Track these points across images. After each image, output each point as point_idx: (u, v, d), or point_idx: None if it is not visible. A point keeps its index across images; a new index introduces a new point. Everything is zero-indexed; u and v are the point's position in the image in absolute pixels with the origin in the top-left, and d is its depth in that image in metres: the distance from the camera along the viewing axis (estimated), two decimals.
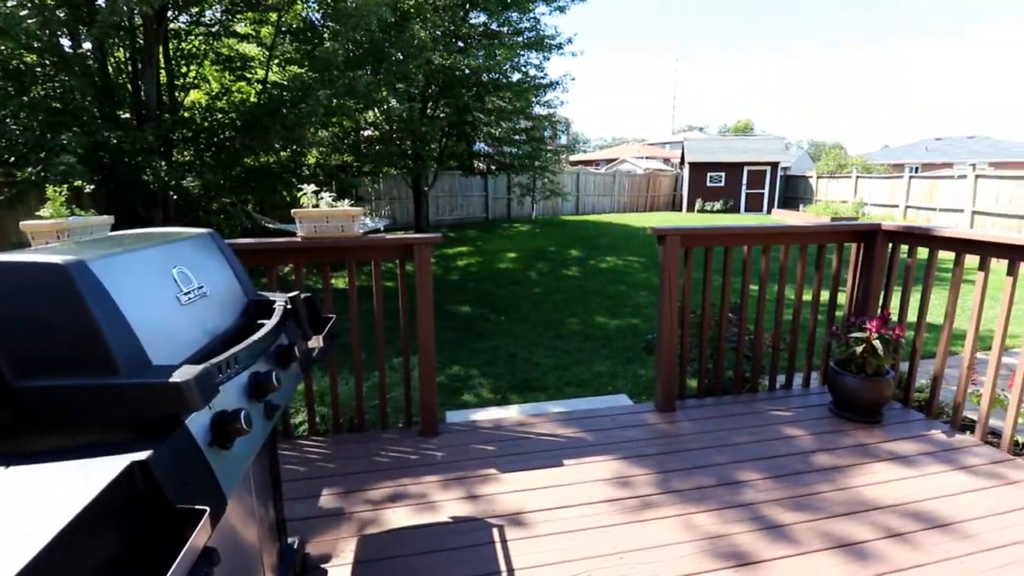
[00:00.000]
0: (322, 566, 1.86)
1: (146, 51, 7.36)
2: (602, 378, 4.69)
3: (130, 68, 8.13)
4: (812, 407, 3.18)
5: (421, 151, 11.25)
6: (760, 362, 3.40)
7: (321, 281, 2.71)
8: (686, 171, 23.77)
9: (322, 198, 2.52)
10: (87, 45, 7.12)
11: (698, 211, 22.90)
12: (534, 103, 13.58)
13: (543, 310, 7.28)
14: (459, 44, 12.37)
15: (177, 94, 8.66)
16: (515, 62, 12.73)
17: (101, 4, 6.35)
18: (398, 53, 9.38)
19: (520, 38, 12.71)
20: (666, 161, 37.28)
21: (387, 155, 10.86)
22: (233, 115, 8.18)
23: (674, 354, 3.12)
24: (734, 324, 3.51)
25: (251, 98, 9.14)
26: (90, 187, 6.48)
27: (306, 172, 10.05)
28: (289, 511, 2.15)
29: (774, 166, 22.91)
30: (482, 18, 12.66)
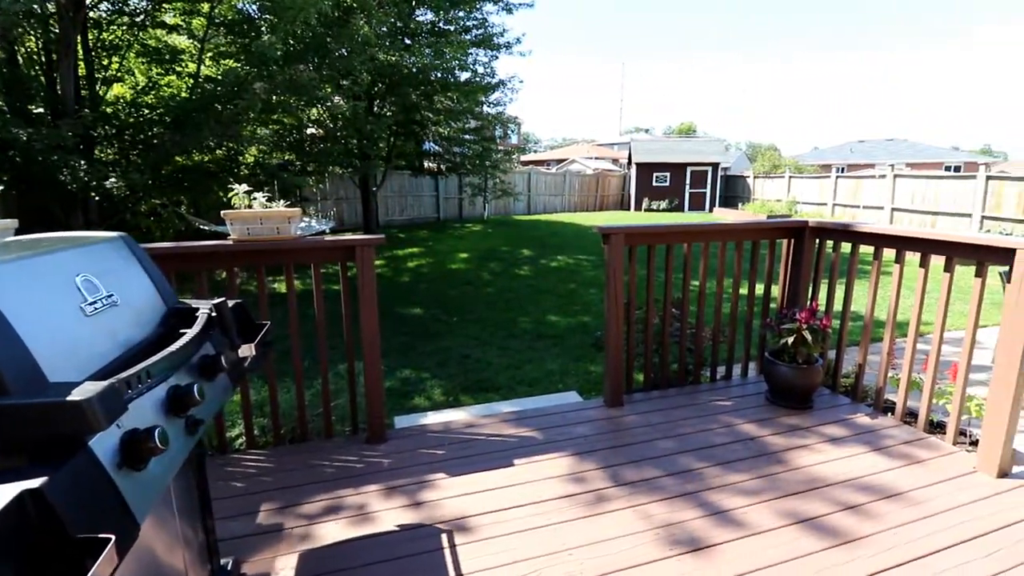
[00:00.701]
0: None
1: (62, 41, 6.79)
2: (553, 376, 4.73)
3: (43, 59, 7.49)
4: (750, 396, 3.33)
5: (368, 150, 10.99)
6: (702, 355, 3.53)
7: (263, 286, 2.58)
8: (633, 171, 24.42)
9: (255, 198, 2.40)
10: None
11: (645, 210, 23.58)
12: (483, 102, 13.56)
13: (495, 310, 7.27)
14: (406, 41, 12.18)
15: (99, 88, 8.05)
16: (463, 61, 12.67)
17: None
18: (341, 48, 9.10)
19: (468, 36, 12.65)
20: (615, 161, 38.16)
21: (332, 154, 10.52)
22: (162, 111, 7.69)
23: (621, 350, 3.19)
24: (677, 319, 3.63)
25: (182, 93, 8.63)
26: None
27: (244, 171, 9.58)
28: (223, 530, 2.03)
29: (715, 166, 23.91)
30: (429, 15, 12.51)
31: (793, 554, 1.93)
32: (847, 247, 3.25)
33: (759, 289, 3.53)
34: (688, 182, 23.97)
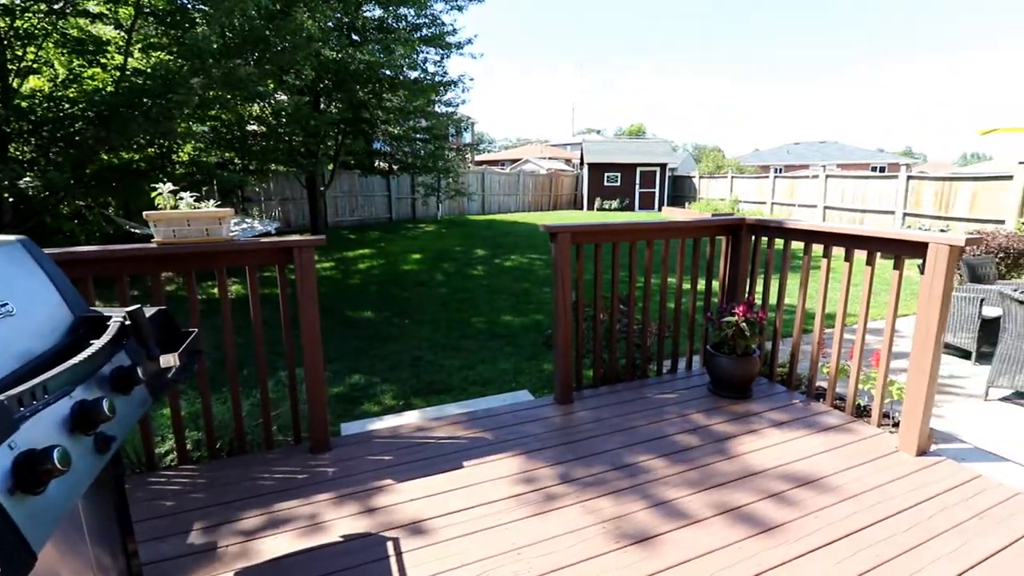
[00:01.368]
0: None
1: None
2: (506, 375, 4.74)
3: None
4: (694, 387, 3.44)
5: (314, 148, 10.64)
6: (648, 349, 3.62)
7: (202, 291, 2.43)
8: (585, 171, 24.82)
9: (182, 198, 2.26)
10: None
11: (597, 209, 24.01)
12: (435, 102, 13.42)
13: (449, 310, 7.20)
14: (353, 37, 11.88)
15: (11, 80, 7.40)
16: (413, 59, 12.49)
17: None
18: (283, 43, 8.77)
19: (418, 34, 12.48)
20: (567, 162, 38.69)
21: (274, 151, 10.11)
22: (84, 105, 7.16)
23: (570, 348, 3.22)
24: (624, 315, 3.71)
25: (108, 87, 8.07)
26: None
27: (180, 170, 9.08)
28: (150, 552, 1.91)
29: (663, 167, 24.65)
30: (378, 11, 12.26)
31: (728, 540, 2.01)
32: (781, 243, 3.42)
33: (701, 284, 3.66)
34: (638, 182, 24.60)
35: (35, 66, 7.91)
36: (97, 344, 1.20)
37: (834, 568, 1.87)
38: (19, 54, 7.59)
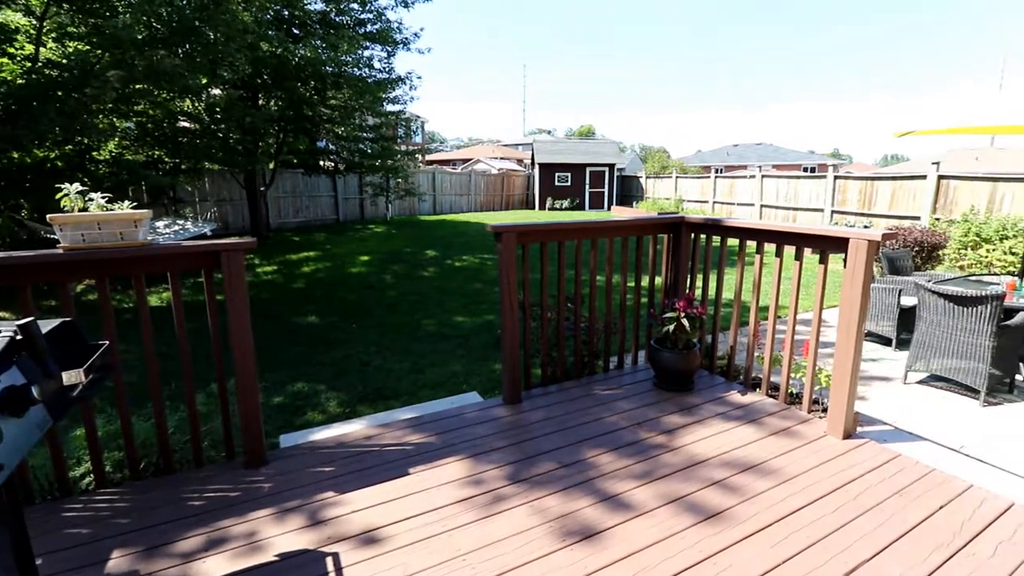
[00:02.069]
0: None
1: None
2: (457, 377, 4.68)
3: None
4: (640, 382, 3.51)
5: (252, 146, 10.16)
6: (595, 347, 3.66)
7: (131, 300, 2.25)
8: (536, 171, 25.01)
9: (91, 199, 2.08)
10: None
11: (549, 208, 24.26)
12: (382, 100, 13.12)
13: (398, 313, 7.06)
14: (294, 31, 11.43)
15: None
16: (359, 55, 12.17)
17: None
18: (215, 34, 8.32)
19: (362, 30, 12.16)
20: (519, 162, 38.90)
21: (208, 150, 9.58)
22: None
23: (517, 347, 3.21)
24: (572, 313, 3.74)
25: (16, 79, 7.39)
26: None
27: (102, 169, 8.45)
28: None
29: (611, 167, 25.20)
30: (319, 5, 11.85)
31: (671, 531, 2.05)
32: (718, 240, 3.54)
33: (646, 281, 3.74)
34: (588, 182, 25.03)
35: None
36: None
37: (770, 551, 1.95)
38: None
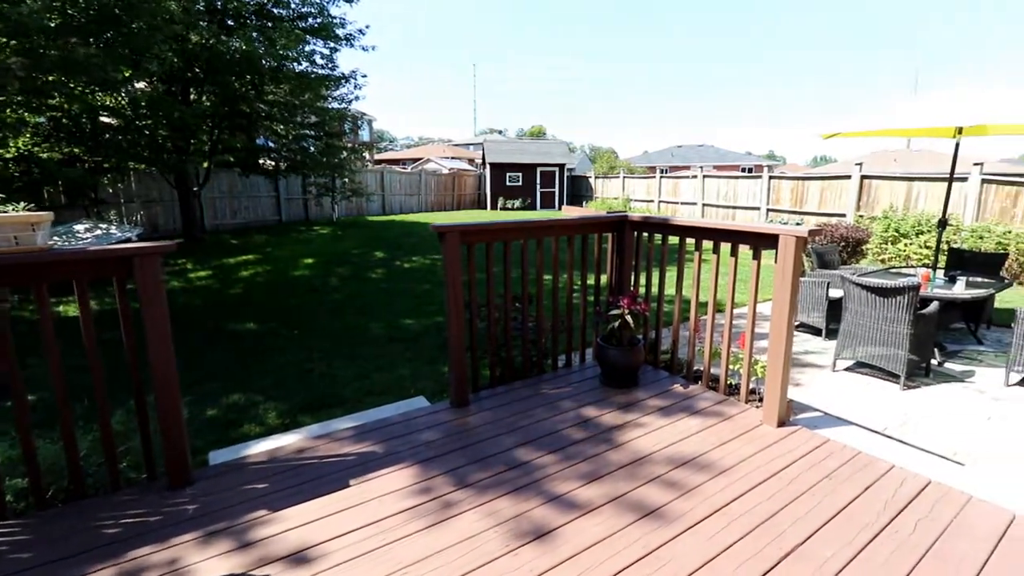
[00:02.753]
0: None
1: None
2: (405, 382, 4.56)
3: None
4: (588, 380, 3.54)
5: (183, 144, 9.56)
6: (544, 346, 3.66)
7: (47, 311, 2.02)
8: (488, 171, 24.97)
9: None
10: None
11: (501, 208, 24.27)
12: (325, 97, 12.68)
13: (344, 317, 6.83)
14: (228, 23, 10.85)
15: None
16: (300, 50, 11.70)
17: None
18: (138, 23, 7.76)
19: (303, 24, 11.69)
20: (471, 161, 38.73)
21: (133, 147, 8.93)
22: None
23: (464, 349, 3.15)
24: (520, 313, 3.71)
25: None
26: None
27: (11, 168, 7.72)
28: None
29: (562, 167, 25.51)
30: None
31: (616, 528, 2.06)
32: (660, 238, 3.62)
33: (592, 279, 3.77)
34: (539, 182, 25.23)
35: None
36: None
37: (709, 541, 1.99)
38: None
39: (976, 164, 9.68)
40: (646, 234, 3.69)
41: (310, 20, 11.91)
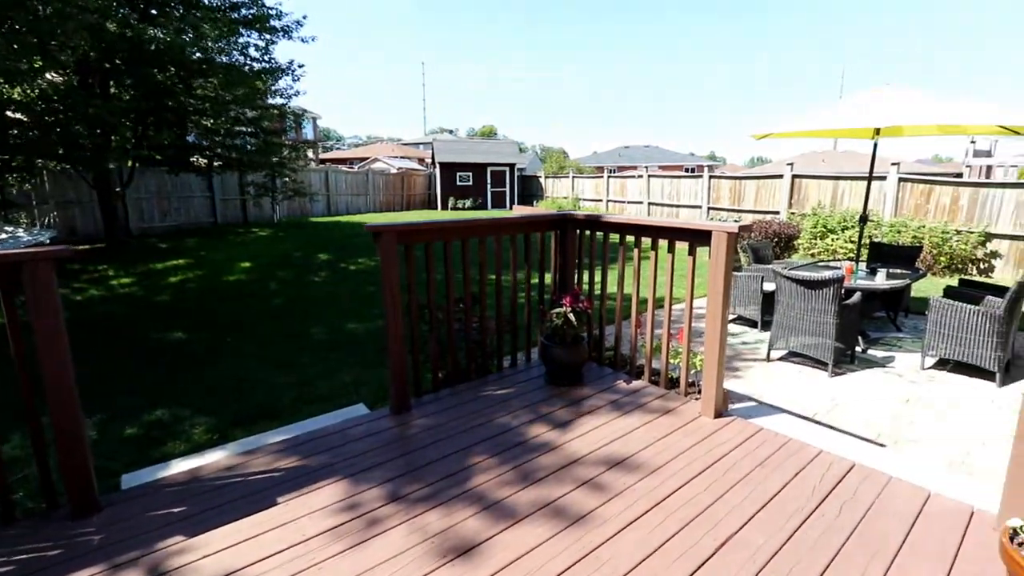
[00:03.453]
0: None
1: None
2: (347, 388, 4.39)
3: None
4: (533, 379, 3.51)
5: (101, 141, 8.85)
6: (489, 347, 3.60)
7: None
8: (438, 171, 24.68)
9: None
10: None
11: (451, 208, 24.04)
12: (262, 91, 12.08)
13: (284, 323, 6.52)
14: (151, 11, 10.13)
15: None
16: (232, 42, 11.09)
17: None
18: (45, 9, 7.11)
19: (236, 14, 11.10)
20: (420, 161, 38.14)
21: (43, 144, 8.19)
22: None
23: (404, 353, 3.05)
24: (464, 313, 3.64)
25: None
26: None
27: None
28: None
29: (512, 167, 25.56)
30: None
31: (551, 533, 2.02)
32: (602, 235, 3.64)
33: (536, 278, 3.75)
34: (489, 181, 25.16)
35: None
36: None
37: (646, 537, 1.99)
38: None
39: (894, 164, 10.42)
40: (588, 232, 3.71)
41: (243, 11, 11.33)
